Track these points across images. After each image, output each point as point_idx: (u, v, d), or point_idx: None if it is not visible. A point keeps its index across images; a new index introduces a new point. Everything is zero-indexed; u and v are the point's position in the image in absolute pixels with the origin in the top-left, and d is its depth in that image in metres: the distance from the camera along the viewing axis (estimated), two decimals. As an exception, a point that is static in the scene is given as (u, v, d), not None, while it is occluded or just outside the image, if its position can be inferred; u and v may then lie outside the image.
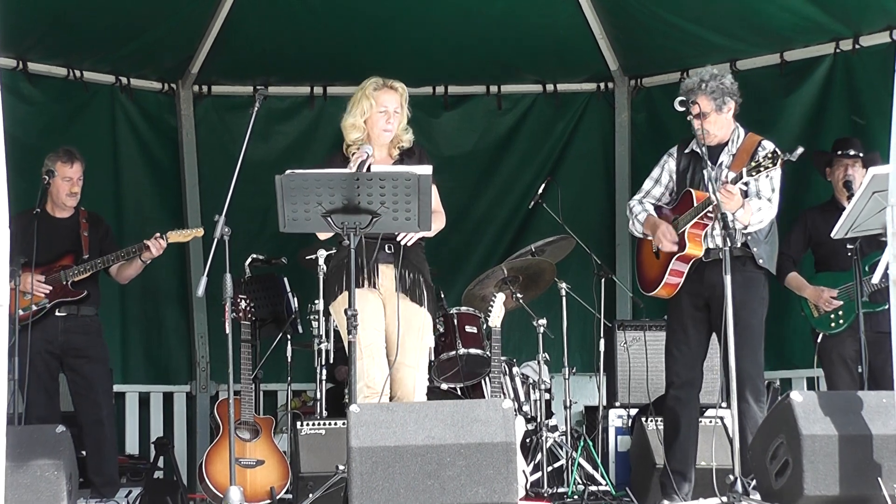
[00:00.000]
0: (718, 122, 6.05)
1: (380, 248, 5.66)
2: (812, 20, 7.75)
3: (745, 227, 5.96)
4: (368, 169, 5.37)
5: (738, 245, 5.98)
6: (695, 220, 6.01)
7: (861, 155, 6.83)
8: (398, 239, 5.68)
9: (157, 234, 6.87)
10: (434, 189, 5.60)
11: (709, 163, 5.92)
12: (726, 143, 6.12)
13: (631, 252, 8.57)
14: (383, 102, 5.79)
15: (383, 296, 5.72)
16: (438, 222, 5.72)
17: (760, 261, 6.08)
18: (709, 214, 5.97)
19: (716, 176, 6.05)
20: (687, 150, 6.24)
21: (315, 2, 8.21)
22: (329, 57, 8.51)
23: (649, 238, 6.26)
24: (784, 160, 5.70)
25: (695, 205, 6.01)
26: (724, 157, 6.10)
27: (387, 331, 5.64)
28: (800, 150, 5.70)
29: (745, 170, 5.82)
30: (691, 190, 6.10)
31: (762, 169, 5.76)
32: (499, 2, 8.24)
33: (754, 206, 5.97)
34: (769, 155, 5.75)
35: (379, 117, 5.78)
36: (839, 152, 6.91)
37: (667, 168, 6.31)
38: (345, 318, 5.25)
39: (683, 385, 6.15)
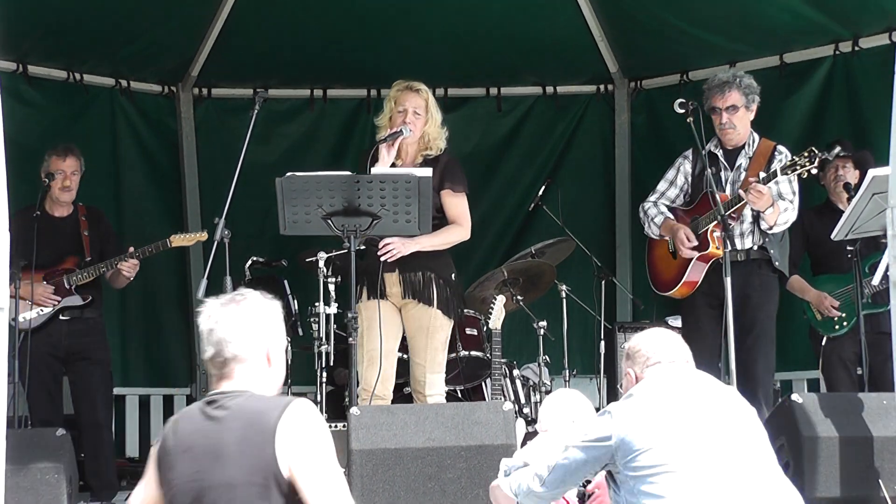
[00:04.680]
0: (744, 120, 6.05)
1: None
2: (811, 22, 7.74)
3: (771, 228, 5.96)
4: (394, 142, 5.77)
5: (756, 248, 5.99)
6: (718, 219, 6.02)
7: (850, 154, 6.85)
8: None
9: (131, 249, 6.82)
10: (456, 198, 5.84)
11: (724, 164, 5.93)
12: (743, 147, 6.13)
13: (631, 253, 8.58)
14: (402, 102, 5.96)
15: (398, 304, 5.90)
16: (456, 233, 5.91)
17: (777, 263, 6.09)
18: (732, 215, 5.97)
19: (734, 178, 6.07)
20: (703, 152, 6.25)
21: (315, 4, 8.21)
22: (329, 59, 8.50)
23: (665, 238, 6.26)
24: (822, 158, 5.71)
25: (719, 204, 6.00)
26: (742, 160, 6.12)
27: (406, 334, 5.69)
28: (837, 148, 5.73)
29: (778, 168, 5.82)
30: (714, 191, 6.09)
31: (798, 168, 5.76)
32: (498, 4, 8.23)
33: (782, 206, 5.98)
34: (806, 153, 5.74)
35: (397, 117, 5.92)
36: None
37: (682, 170, 6.34)
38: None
39: None
